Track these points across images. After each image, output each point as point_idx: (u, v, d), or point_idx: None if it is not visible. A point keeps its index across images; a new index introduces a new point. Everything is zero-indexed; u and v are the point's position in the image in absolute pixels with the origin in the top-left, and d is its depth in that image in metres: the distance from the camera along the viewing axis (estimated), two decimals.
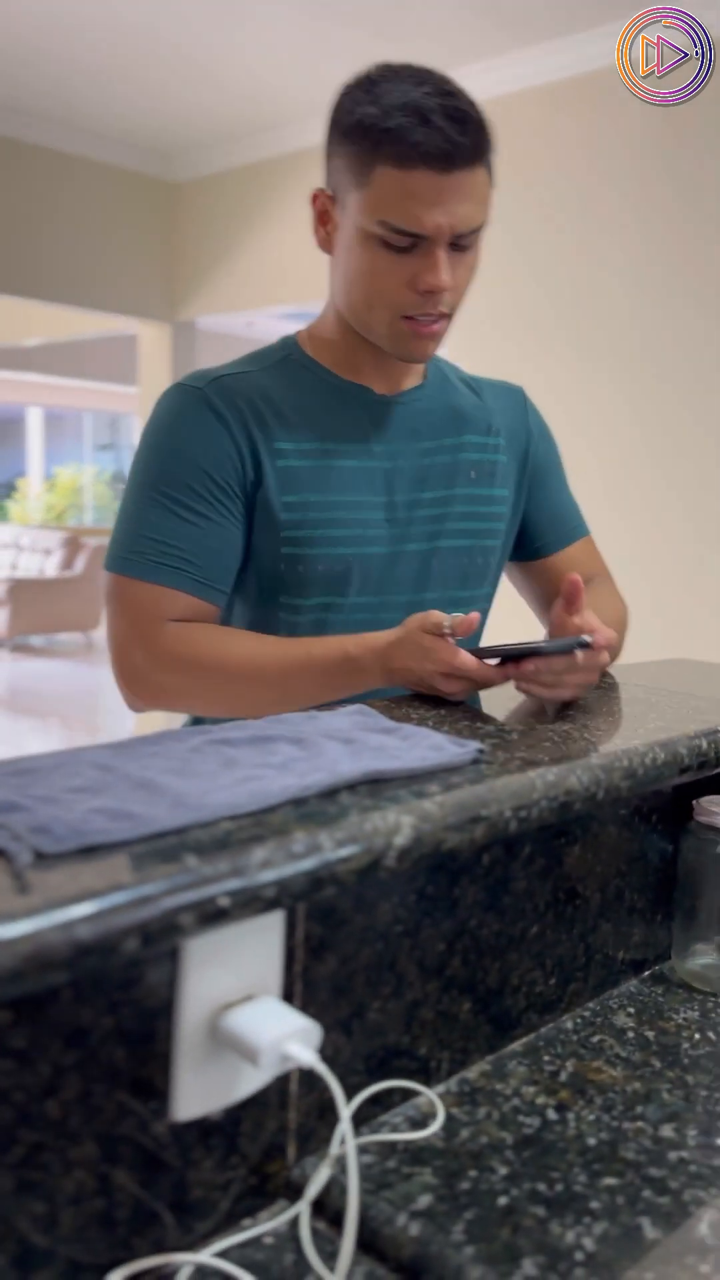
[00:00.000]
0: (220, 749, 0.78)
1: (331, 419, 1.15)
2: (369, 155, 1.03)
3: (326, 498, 1.13)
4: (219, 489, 1.10)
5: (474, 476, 1.21)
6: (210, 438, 1.09)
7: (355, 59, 3.86)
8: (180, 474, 1.09)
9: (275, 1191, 0.69)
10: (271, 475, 1.11)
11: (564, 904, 0.91)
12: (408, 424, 1.19)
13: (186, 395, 1.12)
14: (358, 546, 1.14)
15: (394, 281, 1.06)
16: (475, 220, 1.05)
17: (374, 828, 0.65)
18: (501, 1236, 0.64)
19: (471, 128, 1.02)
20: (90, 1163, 0.59)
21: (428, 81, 1.03)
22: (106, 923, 0.51)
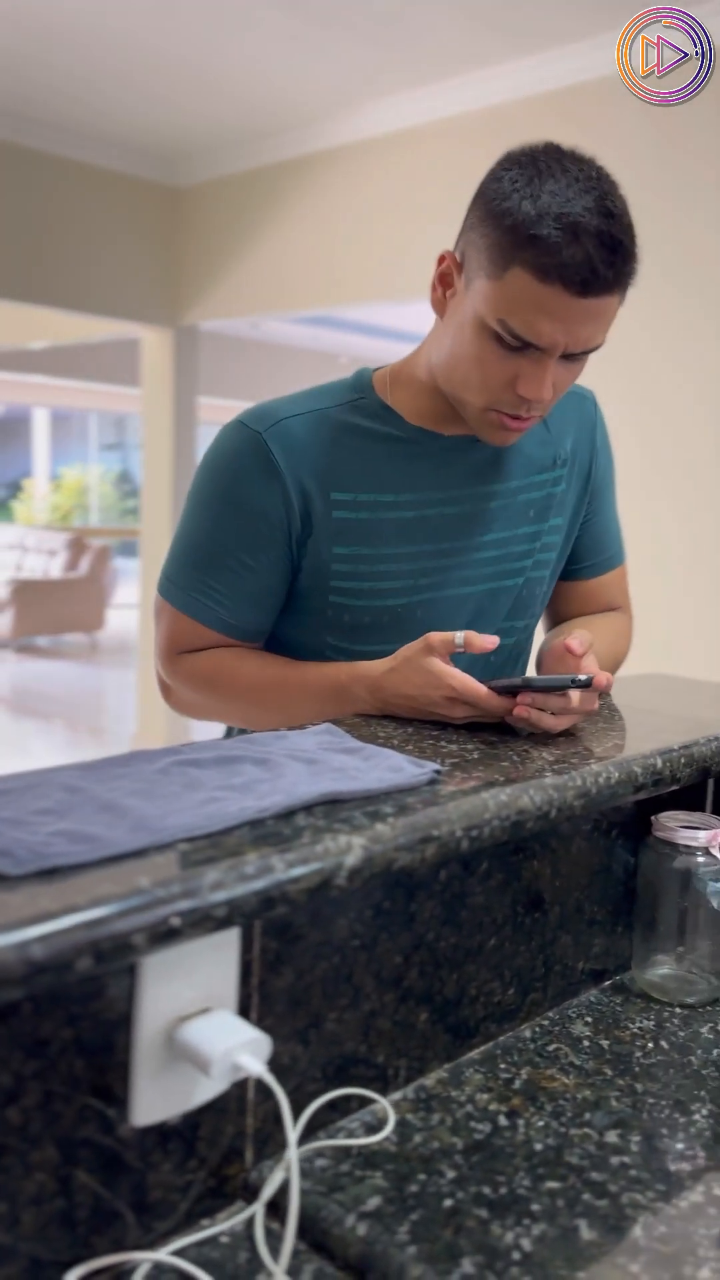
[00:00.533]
0: (186, 770, 0.81)
1: (392, 469, 1.14)
2: (509, 252, 0.99)
3: (379, 550, 1.13)
4: (266, 539, 1.12)
5: (533, 515, 1.20)
6: (263, 489, 1.11)
7: (355, 66, 3.89)
8: (230, 524, 1.13)
9: (234, 1193, 0.73)
10: (324, 526, 1.12)
11: (523, 917, 0.94)
12: (474, 469, 1.17)
13: (246, 440, 1.12)
14: (408, 596, 1.15)
15: (497, 377, 1.05)
16: (594, 342, 1.04)
17: (325, 849, 0.69)
18: (444, 1237, 0.67)
19: (621, 257, 0.99)
20: (51, 1166, 0.62)
21: (592, 193, 0.99)
22: (60, 943, 0.55)
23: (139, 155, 4.85)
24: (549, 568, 1.24)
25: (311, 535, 1.13)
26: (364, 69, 3.81)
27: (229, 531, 1.13)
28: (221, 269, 4.93)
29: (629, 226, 1.01)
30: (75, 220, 4.75)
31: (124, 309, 4.98)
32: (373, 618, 1.15)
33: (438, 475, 1.15)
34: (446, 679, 0.99)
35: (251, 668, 1.15)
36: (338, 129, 4.32)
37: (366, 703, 1.05)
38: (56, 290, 4.77)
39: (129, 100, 4.25)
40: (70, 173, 4.72)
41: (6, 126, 4.47)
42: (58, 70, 3.97)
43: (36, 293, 4.75)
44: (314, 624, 1.17)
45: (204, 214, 4.98)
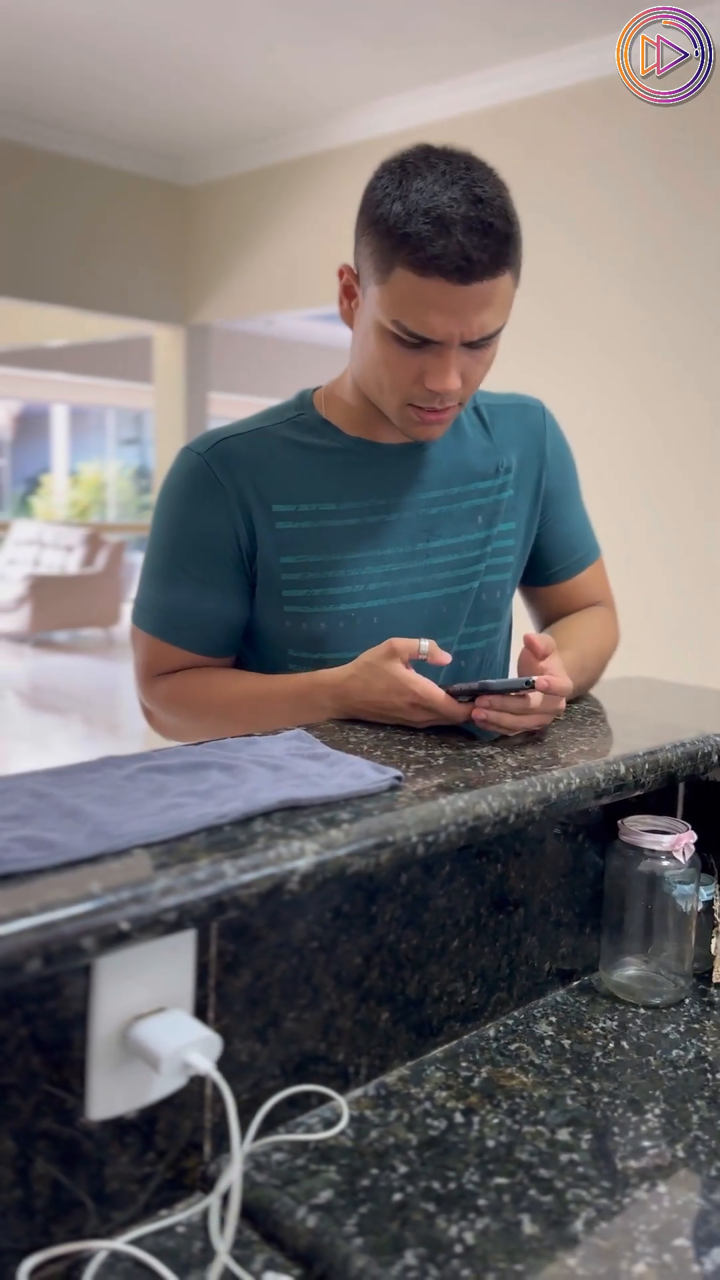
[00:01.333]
0: (153, 776, 0.84)
1: (333, 479, 1.17)
2: (389, 254, 1.02)
3: (326, 558, 1.16)
4: (215, 556, 1.16)
5: (480, 521, 1.23)
6: (210, 508, 1.15)
7: (361, 66, 3.93)
8: (181, 542, 1.18)
9: (192, 1185, 0.75)
10: (269, 538, 1.16)
11: (487, 919, 0.96)
12: (413, 475, 1.20)
13: (190, 463, 1.17)
14: (360, 602, 1.17)
15: (404, 375, 1.08)
16: (490, 327, 1.05)
17: (278, 854, 0.71)
18: (390, 1230, 0.70)
19: (494, 240, 1.01)
20: (8, 1156, 0.65)
21: (459, 183, 1.01)
22: (9, 945, 0.58)
23: (149, 155, 4.88)
24: (507, 572, 1.26)
25: (259, 548, 1.16)
26: (370, 69, 3.83)
27: (184, 552, 1.17)
28: (231, 268, 4.95)
29: (501, 209, 1.03)
30: (87, 220, 4.78)
31: (135, 308, 5.01)
32: (328, 624, 1.17)
33: (377, 483, 1.18)
34: (408, 684, 1.01)
35: (219, 685, 1.18)
36: (345, 128, 4.33)
37: (331, 710, 1.07)
38: (69, 290, 4.82)
39: (138, 100, 4.28)
40: (81, 173, 4.75)
41: (18, 128, 4.51)
42: (68, 71, 4.00)
43: (50, 292, 4.79)
44: (274, 637, 1.19)
45: (213, 213, 5.00)
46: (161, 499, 1.21)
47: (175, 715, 1.22)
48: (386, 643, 1.04)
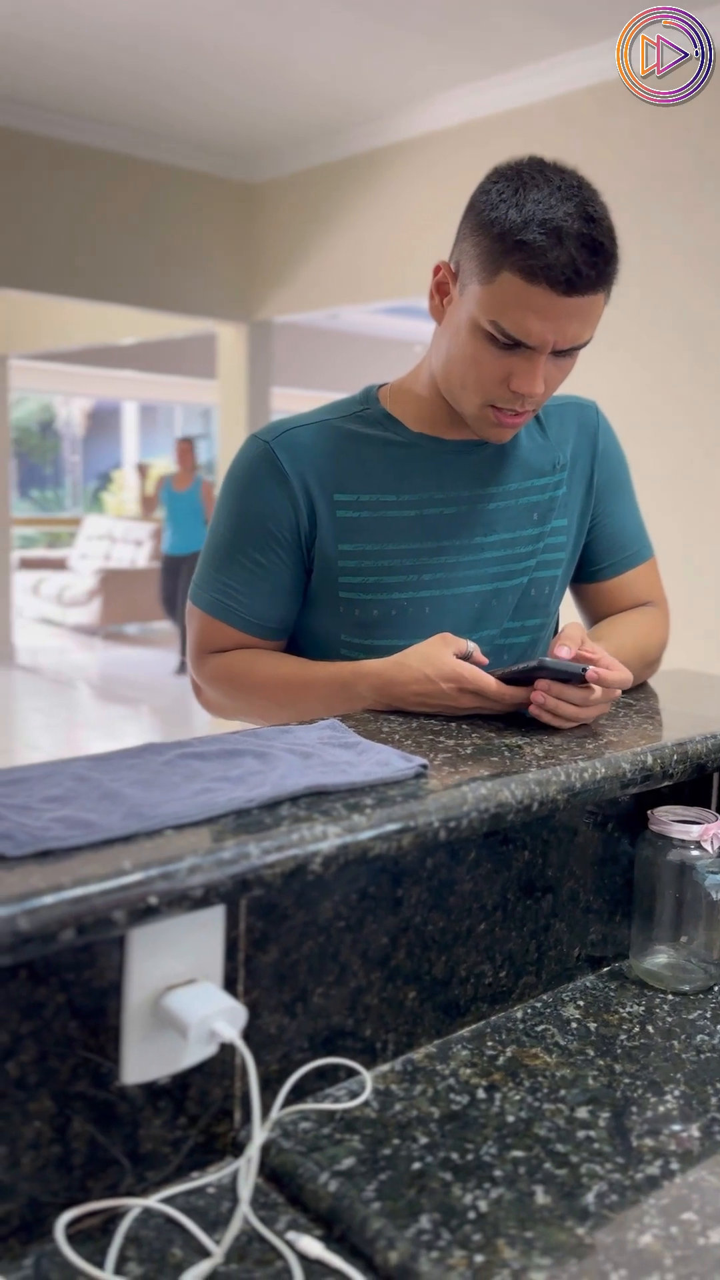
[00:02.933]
0: (190, 762, 0.88)
1: (392, 471, 1.21)
2: (499, 257, 1.06)
3: (382, 546, 1.20)
4: (275, 541, 1.21)
5: (535, 517, 1.25)
6: (272, 493, 1.20)
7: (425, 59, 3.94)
8: (243, 526, 1.22)
9: (224, 1149, 0.80)
10: (329, 526, 1.20)
11: (515, 904, 0.99)
12: (472, 471, 1.23)
13: (257, 450, 1.22)
14: (412, 591, 1.21)
15: (491, 375, 1.11)
16: (581, 338, 1.10)
17: (301, 837, 0.75)
18: (407, 1196, 0.73)
19: (601, 259, 1.06)
20: (47, 1115, 0.70)
21: (573, 199, 1.06)
22: (44, 916, 0.62)
23: (215, 154, 4.95)
24: (558, 568, 1.28)
25: (318, 535, 1.21)
26: (432, 63, 3.83)
27: (244, 535, 1.22)
28: (295, 263, 5.00)
29: (609, 230, 1.08)
30: (154, 220, 4.87)
31: (201, 306, 5.09)
32: (381, 612, 1.21)
33: (437, 477, 1.22)
34: (455, 668, 1.05)
35: (264, 666, 1.23)
36: (408, 122, 4.34)
37: (370, 700, 1.11)
38: (137, 290, 4.91)
39: (205, 101, 4.34)
40: (149, 174, 4.84)
41: (86, 130, 4.61)
42: (135, 74, 4.08)
43: (119, 293, 4.89)
44: (329, 622, 1.23)
45: (278, 209, 5.05)
46: (226, 484, 1.26)
47: (221, 693, 1.27)
48: (438, 636, 1.09)
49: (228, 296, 5.15)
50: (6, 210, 4.51)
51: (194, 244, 5.03)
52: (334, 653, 1.24)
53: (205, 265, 5.08)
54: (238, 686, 1.25)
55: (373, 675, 1.11)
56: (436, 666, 1.07)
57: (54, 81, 4.19)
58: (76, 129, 4.59)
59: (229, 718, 1.32)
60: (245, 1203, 0.71)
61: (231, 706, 1.28)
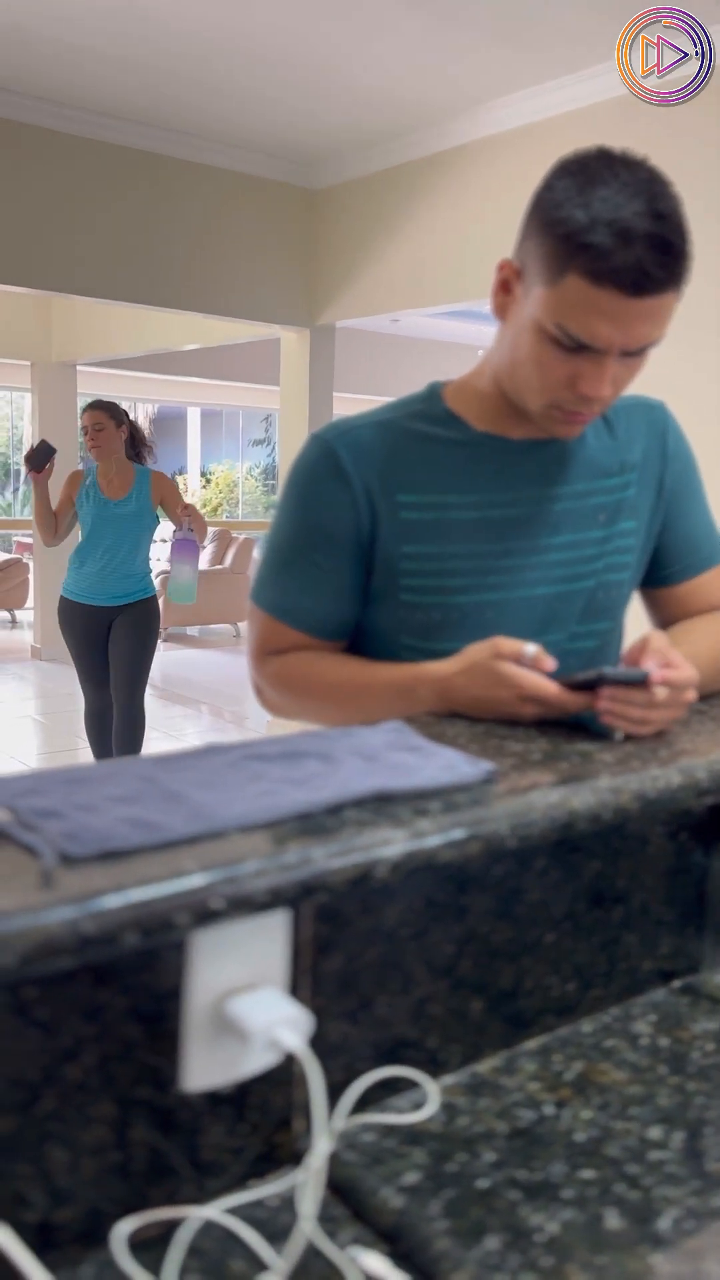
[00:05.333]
0: (252, 764, 0.87)
1: (458, 472, 1.19)
2: (565, 259, 1.02)
3: (444, 549, 1.18)
4: (337, 542, 1.19)
5: (602, 519, 1.22)
6: (334, 493, 1.18)
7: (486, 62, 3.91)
8: (304, 527, 1.21)
9: (283, 1159, 0.78)
10: (392, 527, 1.18)
11: (583, 915, 0.96)
12: (538, 471, 1.20)
13: (319, 449, 1.20)
14: (475, 594, 1.18)
15: (557, 377, 1.08)
16: (650, 338, 1.06)
17: (366, 842, 0.73)
18: (473, 1215, 0.71)
19: (672, 258, 1.01)
20: (108, 1120, 0.69)
21: (641, 196, 1.01)
22: (108, 919, 0.61)
23: (276, 160, 4.97)
24: (626, 571, 1.25)
25: (380, 536, 1.18)
26: (495, 65, 3.80)
27: (306, 537, 1.21)
28: (357, 268, 4.99)
29: (679, 226, 1.02)
30: (218, 227, 4.90)
31: (263, 311, 5.11)
32: (443, 615, 1.19)
33: (501, 477, 1.19)
34: (515, 679, 1.02)
35: (325, 668, 1.21)
36: (469, 125, 4.32)
37: (431, 703, 1.08)
38: (201, 296, 4.95)
39: (266, 106, 4.36)
40: (212, 180, 4.88)
41: (148, 136, 4.66)
42: (197, 83, 4.11)
43: (183, 299, 4.93)
44: (390, 623, 1.22)
45: (339, 214, 5.06)
46: (289, 484, 1.24)
47: (281, 694, 1.25)
48: (490, 642, 1.05)
49: (290, 302, 5.17)
50: (73, 218, 4.58)
51: (257, 250, 5.05)
52: (394, 654, 1.21)
53: (268, 271, 5.10)
54: (298, 688, 1.24)
55: (432, 680, 1.09)
56: (492, 677, 1.04)
57: (119, 90, 4.24)
58: (144, 136, 4.64)
59: (290, 718, 1.31)
60: (310, 1217, 0.69)
61: (292, 707, 1.27)
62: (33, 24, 3.66)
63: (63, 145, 4.49)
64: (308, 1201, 0.68)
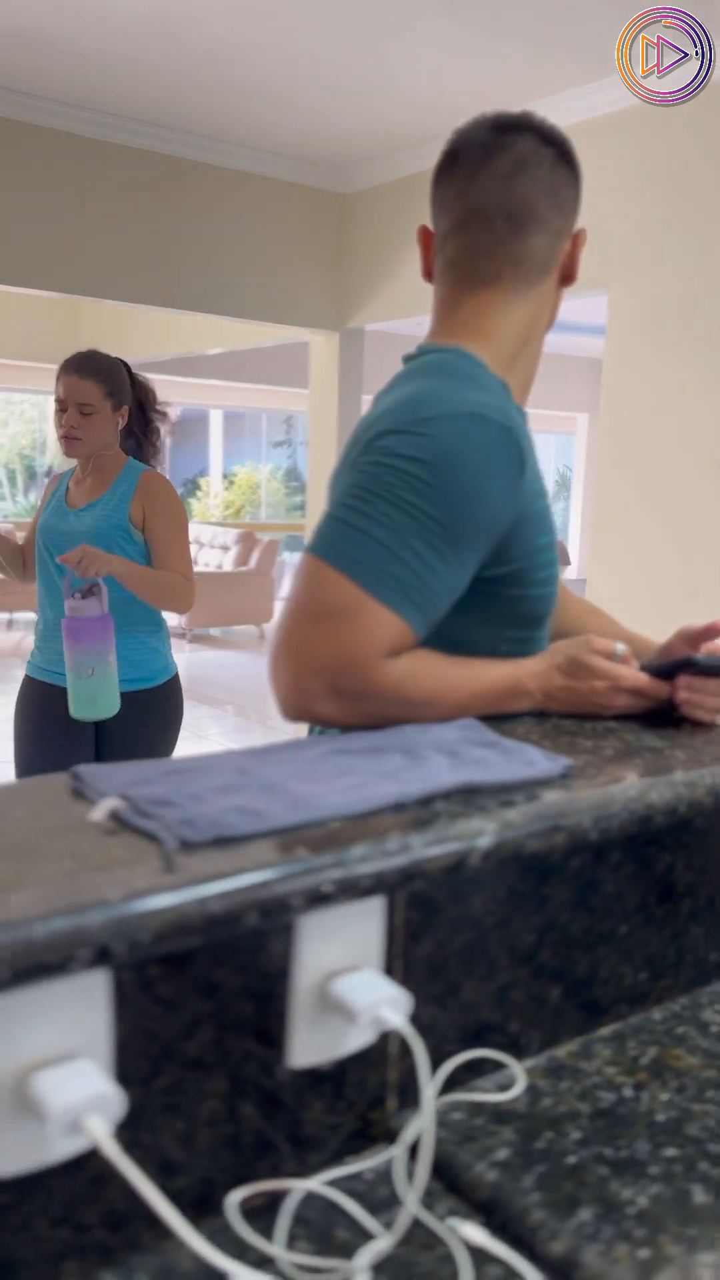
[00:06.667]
0: (340, 758, 0.90)
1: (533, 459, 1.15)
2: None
3: (550, 538, 1.17)
4: (487, 542, 1.07)
5: None
6: (510, 487, 1.06)
7: (521, 66, 3.92)
8: (472, 520, 1.04)
9: (377, 1136, 0.81)
10: (530, 517, 1.11)
11: (654, 907, 0.99)
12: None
13: (502, 437, 1.06)
14: (555, 584, 1.21)
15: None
16: None
17: (460, 832, 0.77)
18: (565, 1189, 0.74)
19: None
20: (221, 1094, 0.73)
21: None
22: (232, 900, 0.65)
23: (307, 164, 5.01)
24: None
25: (520, 527, 1.09)
26: (525, 70, 3.83)
27: (465, 534, 1.04)
28: (388, 272, 5.03)
29: None
30: (247, 231, 4.95)
31: (294, 315, 5.15)
32: (546, 606, 1.18)
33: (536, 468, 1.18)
34: (611, 673, 1.07)
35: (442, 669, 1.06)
36: None
37: (536, 700, 1.10)
38: (231, 300, 4.99)
39: (299, 112, 4.40)
40: (243, 186, 4.92)
41: (184, 144, 4.71)
42: (231, 88, 4.15)
43: (214, 303, 4.98)
44: (502, 617, 1.15)
45: (371, 218, 5.09)
46: (456, 468, 1.03)
47: (381, 708, 1.02)
48: (583, 640, 1.09)
49: (320, 305, 5.21)
50: (105, 223, 4.63)
51: (288, 254, 5.09)
52: (494, 648, 1.14)
53: (299, 275, 5.14)
54: (420, 695, 1.03)
55: (539, 676, 1.09)
56: (596, 675, 1.07)
57: (152, 96, 4.29)
58: (176, 142, 4.69)
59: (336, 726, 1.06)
60: (417, 1185, 0.73)
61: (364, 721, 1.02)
62: (64, 32, 3.71)
63: (93, 151, 4.55)
64: (421, 1165, 0.72)
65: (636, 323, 3.79)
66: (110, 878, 0.64)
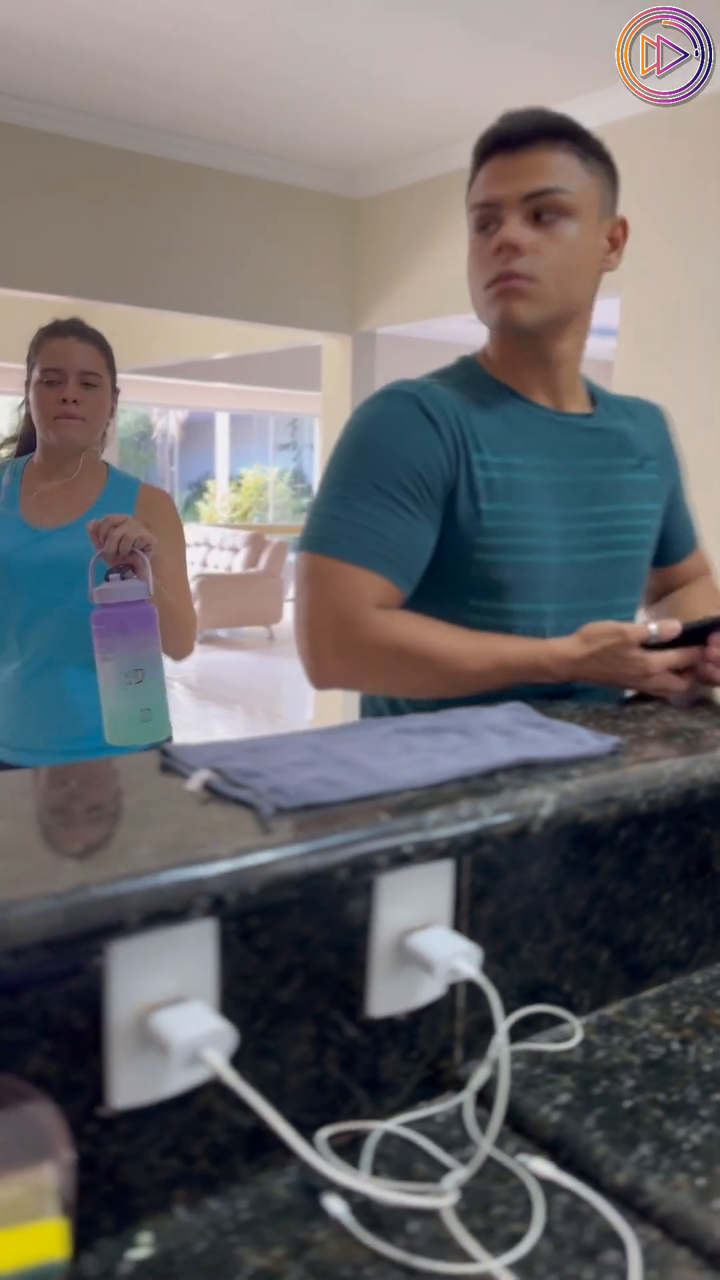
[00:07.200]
0: (402, 737, 0.97)
1: (515, 433, 1.25)
2: (473, 166, 1.27)
3: (518, 507, 1.22)
4: (426, 489, 1.19)
5: (633, 494, 1.35)
6: (424, 440, 1.19)
7: (531, 74, 3.98)
8: (394, 471, 1.18)
9: (445, 1084, 0.88)
10: (469, 484, 1.20)
11: (695, 877, 1.05)
12: (579, 443, 1.30)
13: (400, 400, 1.21)
14: (540, 555, 1.24)
15: (482, 256, 1.24)
16: (539, 184, 1.19)
17: (523, 801, 0.83)
18: (624, 1128, 0.81)
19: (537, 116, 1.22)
20: (309, 1040, 0.79)
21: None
22: (327, 857, 0.71)
23: (322, 171, 5.08)
24: (647, 549, 1.38)
25: (459, 491, 1.21)
26: (537, 76, 3.90)
27: (394, 485, 1.18)
28: (399, 275, 5.10)
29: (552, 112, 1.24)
30: (263, 236, 5.02)
31: (307, 319, 5.22)
32: (512, 575, 1.23)
33: (554, 445, 1.29)
34: (644, 663, 1.15)
35: (444, 637, 1.17)
36: None
37: (558, 678, 1.18)
38: (245, 304, 5.06)
39: (312, 119, 4.47)
40: (257, 191, 4.99)
41: (198, 151, 4.78)
42: (241, 96, 4.22)
43: (228, 307, 5.05)
44: (458, 585, 1.23)
45: (382, 222, 5.16)
46: (366, 432, 1.21)
47: (383, 661, 1.17)
48: (616, 628, 1.15)
49: (333, 309, 5.28)
50: (120, 229, 4.70)
51: (301, 259, 5.16)
52: (462, 617, 1.22)
53: (312, 279, 5.21)
54: (408, 658, 1.16)
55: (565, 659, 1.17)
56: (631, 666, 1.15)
57: (166, 104, 4.36)
58: (190, 149, 4.76)
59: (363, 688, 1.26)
60: (496, 1119, 0.79)
61: (389, 674, 1.19)
62: (79, 41, 3.78)
63: (107, 158, 4.62)
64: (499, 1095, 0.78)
65: (648, 325, 3.85)
66: (216, 838, 0.71)
